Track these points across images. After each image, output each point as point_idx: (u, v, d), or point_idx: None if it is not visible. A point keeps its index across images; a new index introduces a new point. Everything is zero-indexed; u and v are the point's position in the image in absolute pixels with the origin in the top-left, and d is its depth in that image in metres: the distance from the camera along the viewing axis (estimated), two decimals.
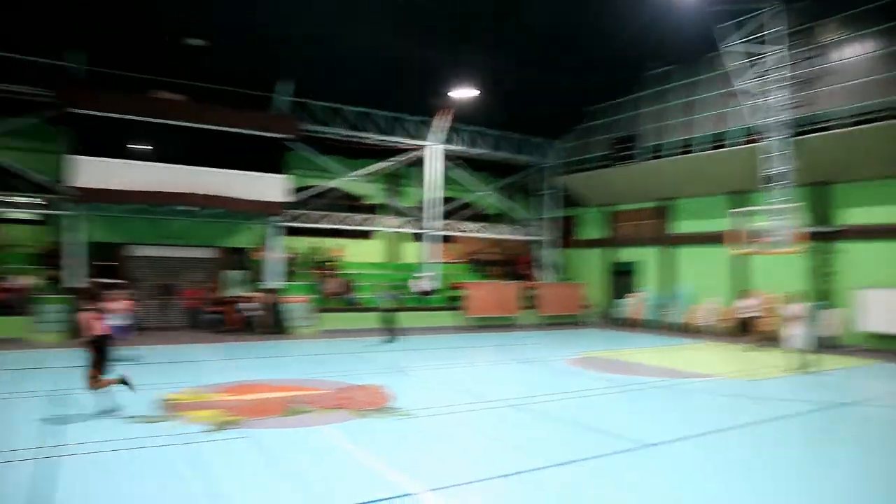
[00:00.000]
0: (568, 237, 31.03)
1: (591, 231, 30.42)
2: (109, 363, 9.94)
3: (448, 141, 26.52)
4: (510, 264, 31.02)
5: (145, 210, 21.14)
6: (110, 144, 19.96)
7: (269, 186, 21.96)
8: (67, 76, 19.61)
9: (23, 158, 20.41)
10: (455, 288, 26.59)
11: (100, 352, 9.75)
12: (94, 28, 18.27)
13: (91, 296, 15.17)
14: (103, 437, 8.34)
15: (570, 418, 9.77)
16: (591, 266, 30.07)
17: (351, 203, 27.35)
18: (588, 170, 28.35)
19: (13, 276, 19.75)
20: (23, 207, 21.39)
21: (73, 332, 17.82)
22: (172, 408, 10.05)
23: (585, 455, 7.74)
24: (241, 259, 24.54)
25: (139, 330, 20.07)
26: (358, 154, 25.91)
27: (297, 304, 22.45)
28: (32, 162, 20.55)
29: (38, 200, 20.68)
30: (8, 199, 20.35)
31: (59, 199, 20.22)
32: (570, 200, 30.30)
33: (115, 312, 14.91)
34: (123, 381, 10.00)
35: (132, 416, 9.35)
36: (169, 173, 20.28)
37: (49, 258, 21.00)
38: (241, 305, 21.82)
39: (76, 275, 19.94)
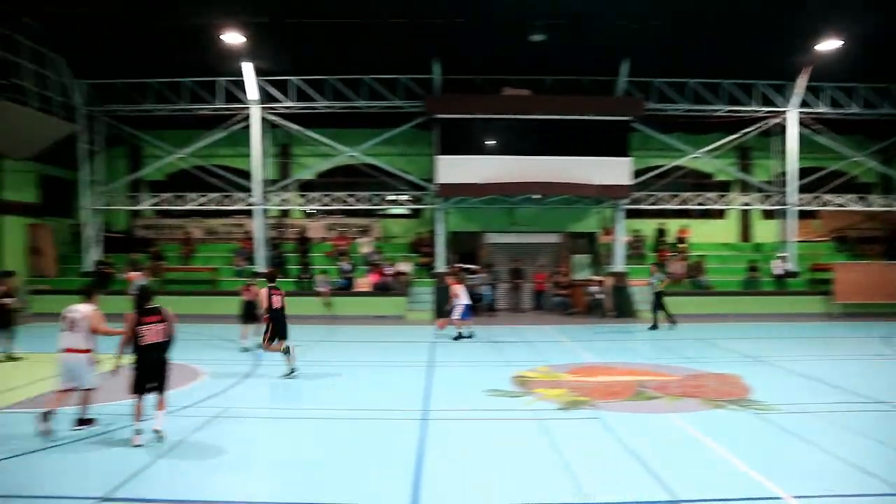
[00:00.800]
0: None
1: None
2: (280, 332, 11.43)
3: (806, 104, 23.40)
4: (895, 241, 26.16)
5: (497, 200, 22.82)
6: (466, 142, 21.97)
7: (614, 170, 21.89)
8: (431, 86, 22.17)
9: (397, 162, 24.03)
10: (818, 270, 23.49)
11: (272, 321, 11.34)
12: (450, 40, 20.27)
13: (449, 277, 17.11)
14: (466, 405, 9.29)
15: None
16: None
17: (697, 181, 25.92)
18: None
19: (392, 262, 23.10)
20: (399, 204, 25.03)
21: (438, 312, 20.13)
22: (525, 384, 10.72)
23: None
24: (586, 243, 25.10)
25: (491, 311, 21.98)
26: (703, 129, 24.35)
27: (641, 287, 22.12)
28: (405, 164, 24.11)
29: (409, 197, 24.12)
30: (388, 197, 24.17)
31: (426, 195, 23.21)
32: None
33: (459, 295, 16.39)
34: (287, 351, 11.32)
35: (491, 390, 10.21)
36: (518, 164, 21.51)
37: (420, 246, 24.29)
38: (589, 288, 22.27)
39: (442, 261, 22.54)
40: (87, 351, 7.73)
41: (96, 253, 23.33)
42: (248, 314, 14.28)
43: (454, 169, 21.44)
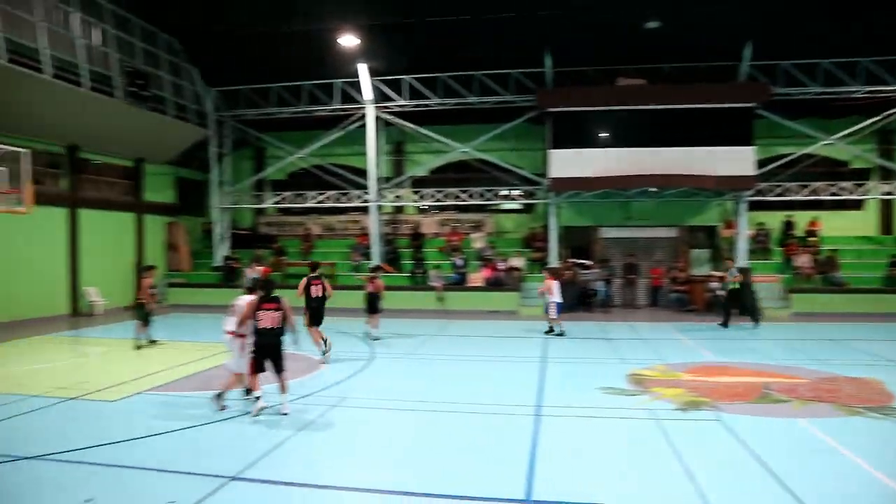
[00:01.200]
0: None
1: None
2: (315, 320, 12.31)
3: None
4: None
5: (612, 194, 22.26)
6: (579, 135, 21.57)
7: (736, 160, 20.75)
8: (543, 80, 21.95)
9: (509, 157, 23.93)
10: None
11: (308, 309, 12.25)
12: (561, 31, 19.97)
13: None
14: (581, 402, 9.15)
15: None
16: None
17: (830, 170, 24.06)
18: None
19: (505, 257, 23.08)
20: (511, 199, 25.01)
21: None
22: (641, 383, 10.42)
23: None
24: (706, 237, 24.05)
25: (606, 306, 21.47)
26: (836, 113, 22.60)
27: (766, 283, 20.90)
28: (517, 159, 24.02)
29: (521, 192, 24.14)
30: (501, 192, 24.38)
31: (539, 190, 23.05)
32: None
33: (550, 290, 16.04)
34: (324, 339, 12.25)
35: (606, 388, 10.01)
36: (633, 156, 20.88)
37: (532, 241, 24.14)
38: (709, 285, 21.28)
39: (556, 256, 22.28)
40: (240, 336, 8.68)
41: (225, 249, 24.90)
42: (373, 305, 14.92)
43: (567, 163, 21.12)
